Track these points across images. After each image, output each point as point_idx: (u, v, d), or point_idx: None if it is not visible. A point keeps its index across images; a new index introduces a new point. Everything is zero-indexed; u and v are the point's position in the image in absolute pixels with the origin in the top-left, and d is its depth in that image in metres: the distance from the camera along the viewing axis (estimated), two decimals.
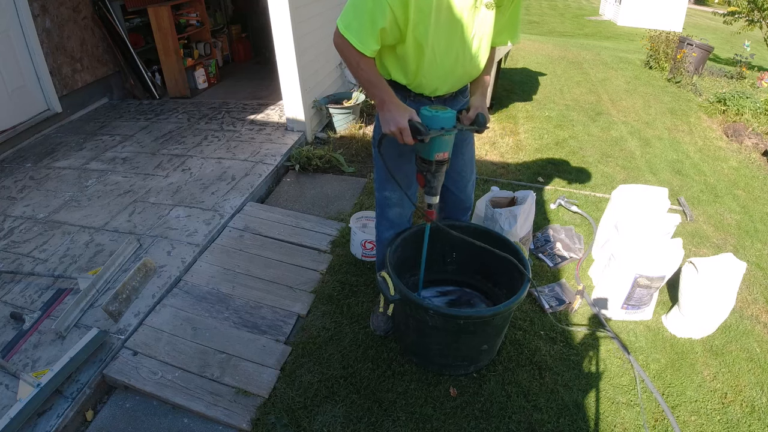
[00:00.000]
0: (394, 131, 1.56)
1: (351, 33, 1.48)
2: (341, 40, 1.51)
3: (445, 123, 1.57)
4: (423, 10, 1.46)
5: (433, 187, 1.72)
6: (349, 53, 1.53)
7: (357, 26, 1.48)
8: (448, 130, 1.58)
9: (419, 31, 1.50)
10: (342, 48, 1.54)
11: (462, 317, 1.78)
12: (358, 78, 1.60)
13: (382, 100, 1.58)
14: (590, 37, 12.82)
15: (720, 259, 2.19)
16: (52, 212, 2.95)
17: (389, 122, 1.57)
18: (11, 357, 1.96)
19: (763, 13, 7.75)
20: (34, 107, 4.19)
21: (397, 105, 1.57)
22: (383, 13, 1.44)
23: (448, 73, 1.66)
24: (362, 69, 1.56)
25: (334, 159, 3.64)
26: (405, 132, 1.54)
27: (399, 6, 1.43)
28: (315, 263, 2.61)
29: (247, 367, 2.00)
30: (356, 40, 1.48)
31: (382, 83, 1.59)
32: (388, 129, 1.58)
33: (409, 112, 1.56)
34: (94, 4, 4.63)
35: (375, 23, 1.46)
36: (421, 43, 1.53)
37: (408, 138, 1.55)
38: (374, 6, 1.43)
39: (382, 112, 1.59)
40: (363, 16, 1.46)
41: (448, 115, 1.57)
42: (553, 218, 3.12)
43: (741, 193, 3.61)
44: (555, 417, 1.85)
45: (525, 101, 5.41)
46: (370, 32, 1.47)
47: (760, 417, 1.89)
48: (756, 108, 5.10)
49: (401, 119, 1.54)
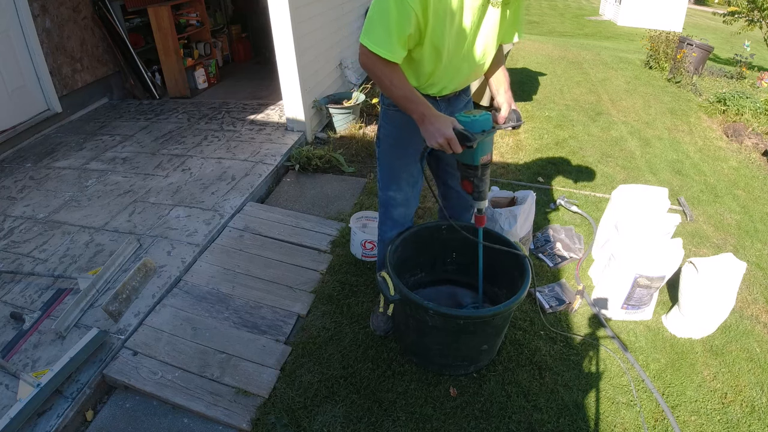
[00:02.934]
0: (441, 143, 1.52)
1: (379, 46, 1.46)
2: (371, 58, 1.49)
3: (485, 125, 1.56)
4: (439, 13, 1.45)
5: (482, 191, 1.69)
6: (380, 70, 1.51)
7: (385, 38, 1.45)
8: (489, 131, 1.57)
9: (436, 34, 1.50)
10: (372, 66, 1.52)
11: (462, 317, 1.78)
12: (392, 96, 1.58)
13: (422, 114, 1.55)
14: (590, 37, 12.82)
15: (720, 259, 2.19)
16: (52, 212, 2.95)
17: (434, 135, 1.52)
18: (11, 357, 1.96)
19: (763, 13, 7.75)
20: (34, 107, 4.19)
21: (437, 116, 1.54)
22: (408, 18, 1.42)
23: (457, 73, 1.66)
24: (395, 86, 1.53)
25: (334, 159, 3.64)
26: (453, 142, 1.51)
27: (421, 10, 1.43)
28: (315, 263, 2.61)
29: (247, 367, 2.00)
30: (386, 51, 1.46)
31: (418, 97, 1.56)
32: (435, 141, 1.53)
33: (451, 121, 1.53)
34: (94, 4, 4.63)
35: (402, 30, 1.44)
36: (437, 46, 1.53)
37: (457, 147, 1.52)
38: (399, 13, 1.42)
39: (424, 126, 1.55)
40: (389, 26, 1.44)
41: (485, 117, 1.56)
42: (553, 218, 3.12)
43: (741, 193, 3.61)
44: (555, 417, 1.85)
45: (525, 101, 5.41)
46: (398, 40, 1.46)
47: (760, 417, 1.89)
48: (756, 108, 5.10)
49: (447, 130, 1.51)
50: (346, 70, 4.91)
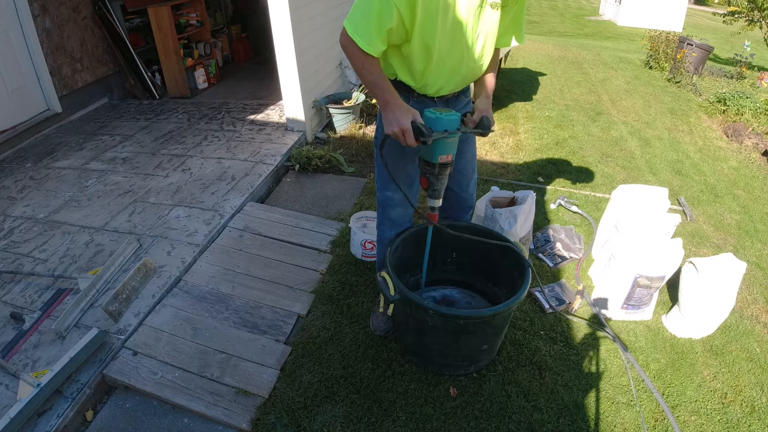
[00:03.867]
0: (396, 132, 1.56)
1: (358, 34, 1.48)
2: (348, 41, 1.52)
3: (449, 125, 1.56)
4: (430, 10, 1.46)
5: (436, 190, 1.71)
6: (354, 54, 1.54)
7: (364, 27, 1.48)
8: (452, 132, 1.57)
9: (426, 31, 1.50)
10: (348, 48, 1.54)
11: (462, 317, 1.78)
12: (362, 79, 1.60)
13: (385, 101, 1.58)
14: (590, 37, 12.82)
15: (720, 259, 2.19)
16: (52, 212, 2.95)
17: (392, 123, 1.56)
18: (11, 357, 1.96)
19: (763, 13, 7.75)
20: (34, 107, 4.19)
21: (400, 106, 1.57)
22: (390, 13, 1.44)
23: (453, 73, 1.66)
24: (367, 70, 1.56)
25: (334, 159, 3.64)
26: (407, 133, 1.54)
27: (406, 6, 1.43)
28: (315, 263, 2.61)
29: (247, 367, 2.00)
30: (363, 41, 1.48)
31: (386, 84, 1.59)
32: (390, 130, 1.58)
33: (412, 114, 1.56)
34: (94, 4, 4.63)
35: (382, 24, 1.46)
36: (427, 43, 1.53)
37: (410, 139, 1.55)
38: (381, 7, 1.44)
39: (385, 113, 1.59)
40: (370, 17, 1.46)
41: (451, 118, 1.56)
42: (553, 218, 3.12)
43: (741, 193, 3.61)
44: (555, 417, 1.85)
45: (525, 101, 5.41)
46: (377, 33, 1.48)
47: (760, 417, 1.89)
48: (756, 108, 5.10)
49: (404, 120, 1.54)
50: (346, 70, 4.91)
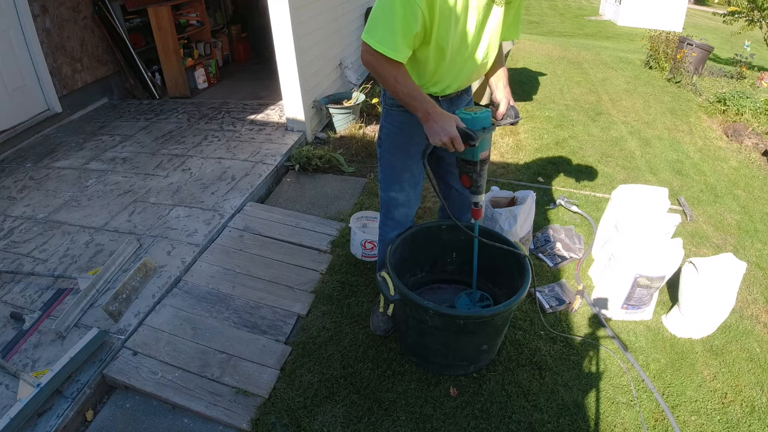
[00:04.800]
0: (445, 141, 1.52)
1: (384, 45, 1.45)
2: (374, 56, 1.48)
3: (485, 122, 1.58)
4: (445, 13, 1.45)
5: (480, 186, 1.73)
6: (383, 68, 1.50)
7: (389, 36, 1.44)
8: (489, 128, 1.59)
9: (441, 33, 1.49)
10: (374, 65, 1.51)
11: (462, 317, 1.78)
12: (397, 94, 1.57)
13: (426, 112, 1.54)
14: (590, 37, 12.82)
15: (720, 259, 2.19)
16: (52, 212, 2.95)
17: (438, 133, 1.53)
18: (11, 357, 1.96)
19: (763, 12, 7.75)
20: (34, 107, 4.19)
21: (442, 114, 1.53)
22: (415, 16, 1.41)
23: (460, 72, 1.66)
24: (400, 83, 1.53)
25: (334, 159, 3.64)
26: (456, 140, 1.52)
27: (427, 8, 1.42)
28: (315, 263, 2.61)
29: (247, 367, 2.00)
30: (391, 50, 1.45)
31: (422, 95, 1.55)
32: (438, 140, 1.53)
33: (455, 119, 1.53)
34: (94, 4, 4.63)
35: (408, 28, 1.43)
36: (442, 45, 1.52)
37: (460, 146, 1.53)
38: (405, 11, 1.40)
39: (429, 124, 1.55)
40: (394, 24, 1.43)
41: (485, 115, 1.58)
42: (553, 218, 3.12)
43: (741, 193, 3.61)
44: (555, 417, 1.85)
45: (525, 101, 5.41)
46: (403, 38, 1.44)
47: (760, 417, 1.89)
48: (756, 108, 5.10)
49: (451, 128, 1.51)
50: (346, 70, 4.91)
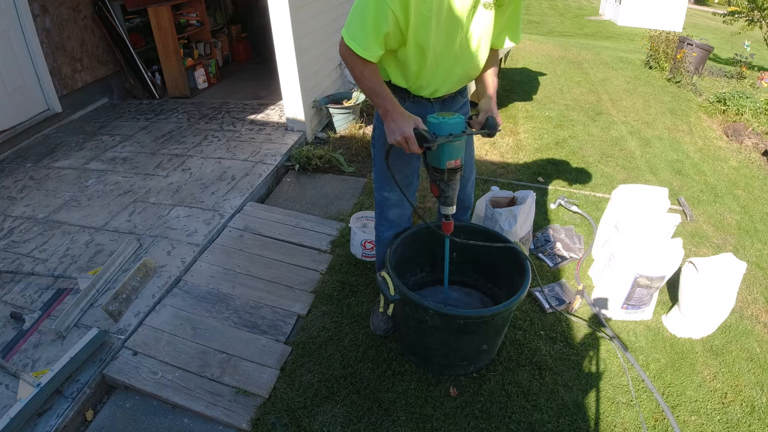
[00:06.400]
0: (399, 140, 1.54)
1: (355, 41, 1.49)
2: (346, 50, 1.52)
3: (453, 129, 1.53)
4: (423, 13, 1.45)
5: (448, 197, 1.67)
6: (353, 62, 1.54)
7: (361, 34, 1.48)
8: (457, 135, 1.54)
9: (420, 34, 1.50)
10: (347, 58, 1.55)
11: (462, 317, 1.78)
12: (362, 87, 1.60)
13: (385, 109, 1.57)
14: (590, 37, 12.82)
15: (720, 259, 2.19)
16: (52, 212, 2.95)
17: (394, 132, 1.55)
18: (11, 357, 1.96)
19: (763, 12, 7.75)
20: (34, 107, 4.19)
21: (401, 114, 1.55)
22: (386, 17, 1.44)
23: (448, 74, 1.66)
24: (366, 78, 1.55)
25: (334, 159, 3.64)
26: (410, 140, 1.52)
27: (400, 9, 1.43)
28: (315, 263, 2.61)
29: (247, 367, 2.00)
30: (360, 47, 1.49)
31: (386, 92, 1.58)
32: (393, 139, 1.56)
33: (414, 120, 1.54)
34: (94, 4, 4.63)
35: (379, 29, 1.46)
36: (422, 45, 1.53)
37: (414, 146, 1.53)
38: (377, 12, 1.43)
39: (387, 122, 1.58)
40: (366, 23, 1.46)
41: (455, 121, 1.54)
42: (553, 218, 3.12)
43: (741, 193, 3.61)
44: (555, 417, 1.85)
45: (525, 101, 5.41)
46: (374, 38, 1.48)
47: (760, 417, 1.89)
48: (756, 108, 5.10)
49: (406, 128, 1.52)
50: (346, 70, 4.91)
